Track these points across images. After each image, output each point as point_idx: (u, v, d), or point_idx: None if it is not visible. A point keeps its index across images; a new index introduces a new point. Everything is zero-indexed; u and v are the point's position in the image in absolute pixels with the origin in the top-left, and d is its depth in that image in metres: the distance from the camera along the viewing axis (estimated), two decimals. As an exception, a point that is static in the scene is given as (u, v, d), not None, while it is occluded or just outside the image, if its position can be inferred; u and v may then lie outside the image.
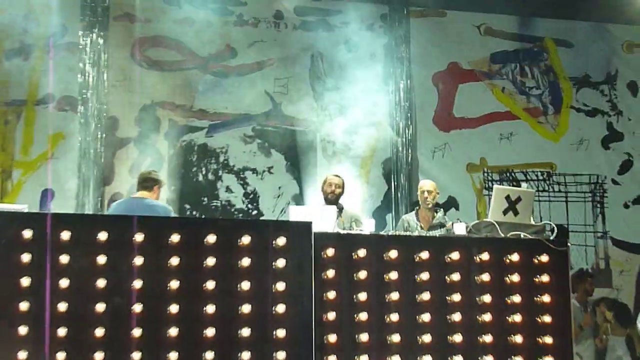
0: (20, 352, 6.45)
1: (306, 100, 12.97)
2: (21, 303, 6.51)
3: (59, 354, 6.51)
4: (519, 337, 7.49)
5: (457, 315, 7.37)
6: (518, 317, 7.52)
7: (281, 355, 6.92)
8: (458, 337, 7.37)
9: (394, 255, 7.34)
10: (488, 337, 7.41)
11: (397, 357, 7.18)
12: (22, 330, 6.49)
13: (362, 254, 7.28)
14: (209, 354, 6.78)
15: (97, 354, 6.58)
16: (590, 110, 14.25)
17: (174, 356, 6.70)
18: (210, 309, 6.80)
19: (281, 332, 6.93)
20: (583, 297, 11.48)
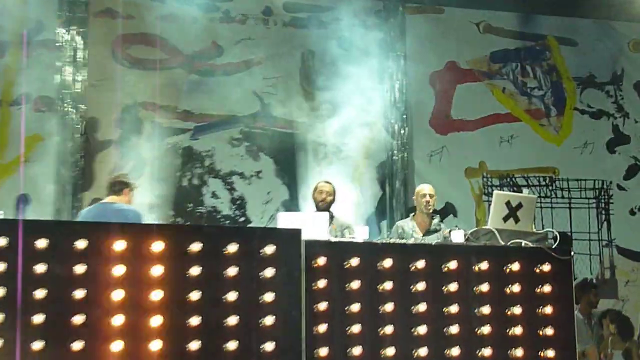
0: (-7, 367, 6.45)
1: (296, 101, 12.98)
2: (-5, 315, 6.51)
3: (34, 368, 6.51)
4: (519, 351, 7.50)
5: (455, 328, 7.38)
6: (519, 330, 7.53)
7: (270, 369, 6.94)
8: (456, 351, 7.37)
9: (389, 264, 7.34)
10: (487, 351, 7.42)
11: (391, 372, 7.20)
12: (-4, 343, 6.49)
13: (354, 262, 7.28)
14: (194, 368, 6.79)
15: (75, 368, 6.58)
16: (595, 112, 14.30)
17: (156, 371, 6.71)
18: (195, 320, 6.79)
19: (269, 346, 6.92)
20: (587, 308, 11.46)
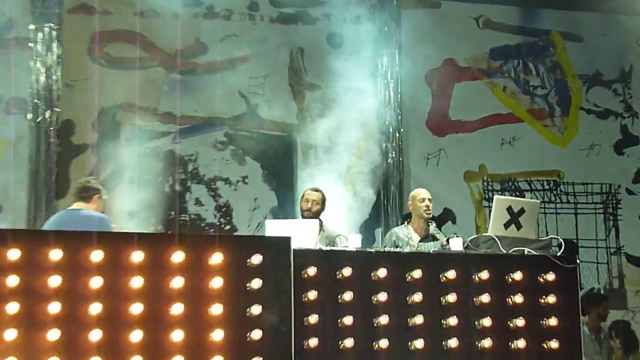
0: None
1: (284, 101, 13.00)
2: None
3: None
4: (522, 365, 7.53)
5: (454, 341, 7.37)
6: (522, 343, 7.53)
7: (257, 387, 6.93)
8: (455, 366, 7.40)
9: (383, 274, 7.34)
10: (488, 365, 7.45)
11: (386, 388, 7.20)
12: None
13: (347, 273, 7.27)
14: (176, 387, 6.77)
15: (49, 387, 6.56)
16: (601, 112, 14.33)
17: (136, 389, 6.69)
18: (177, 336, 6.77)
19: (257, 362, 6.93)
20: (596, 321, 11.40)
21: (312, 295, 7.16)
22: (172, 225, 12.27)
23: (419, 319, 7.34)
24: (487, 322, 7.46)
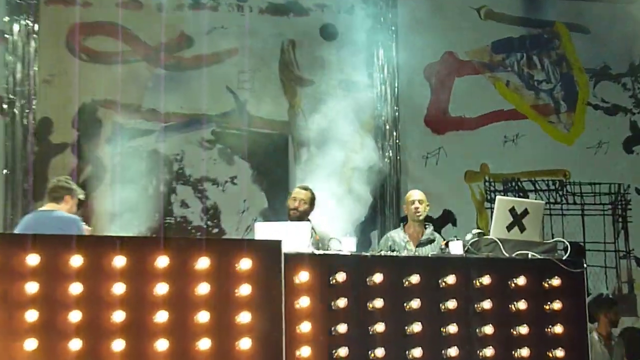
0: None
1: (275, 97, 13.01)
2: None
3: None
4: (526, 376, 7.55)
5: (454, 350, 7.39)
6: (525, 352, 7.56)
7: (246, 399, 6.94)
8: (455, 376, 7.42)
9: (379, 279, 7.36)
10: (490, 376, 7.47)
11: (383, 400, 7.22)
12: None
13: (341, 278, 7.29)
14: (161, 399, 6.79)
15: (26, 400, 6.56)
16: (610, 108, 14.36)
17: (118, 402, 6.70)
18: (162, 345, 6.78)
19: (246, 373, 6.95)
20: (606, 328, 11.40)
21: (304, 302, 7.17)
22: (156, 229, 12.28)
23: (417, 327, 7.35)
24: (488, 329, 7.48)
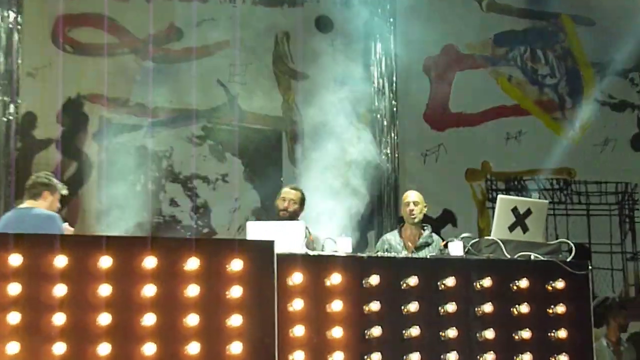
0: None
1: (268, 91, 13.02)
2: None
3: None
4: (529, 382, 7.57)
5: (453, 355, 7.40)
6: (527, 357, 7.56)
7: (237, 405, 6.94)
8: (454, 382, 7.43)
9: (376, 281, 7.36)
10: (491, 382, 7.48)
11: (379, 407, 7.23)
12: None
13: (336, 280, 7.29)
14: (148, 405, 6.79)
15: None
16: (617, 104, 14.38)
17: (104, 408, 6.70)
18: (149, 349, 6.77)
19: (237, 378, 6.95)
20: (615, 333, 11.41)
21: (298, 304, 7.17)
22: (144, 228, 12.27)
23: (415, 331, 7.35)
24: (489, 334, 7.48)
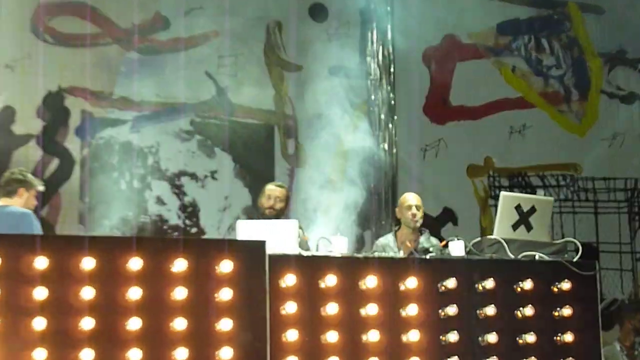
0: None
1: (260, 84, 13.01)
2: None
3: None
4: (533, 388, 7.58)
5: (455, 361, 7.44)
6: (533, 363, 7.60)
7: (227, 414, 6.94)
8: (456, 389, 7.44)
9: (373, 283, 7.36)
10: (494, 389, 7.49)
11: (377, 416, 7.23)
12: None
13: (331, 282, 7.29)
14: (133, 413, 6.78)
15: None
16: (625, 96, 14.40)
17: (87, 417, 6.69)
18: (134, 355, 6.77)
19: (227, 385, 6.95)
20: (629, 337, 11.41)
21: (291, 307, 7.17)
22: (129, 228, 12.27)
23: (414, 335, 7.35)
24: (492, 338, 7.48)
